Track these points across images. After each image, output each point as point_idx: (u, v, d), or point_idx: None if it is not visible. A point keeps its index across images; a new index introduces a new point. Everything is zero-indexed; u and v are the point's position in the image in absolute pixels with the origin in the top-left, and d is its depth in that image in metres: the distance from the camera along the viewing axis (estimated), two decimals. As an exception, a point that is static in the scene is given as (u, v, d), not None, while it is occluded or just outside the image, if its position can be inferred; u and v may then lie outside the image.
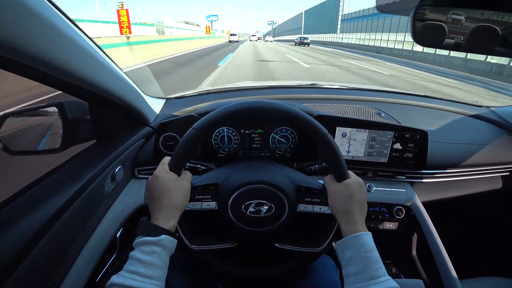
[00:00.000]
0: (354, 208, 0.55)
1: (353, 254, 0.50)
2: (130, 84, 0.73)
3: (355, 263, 0.49)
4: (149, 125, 0.86)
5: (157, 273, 0.46)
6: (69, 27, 0.47)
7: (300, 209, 0.63)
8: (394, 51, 20.68)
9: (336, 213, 0.57)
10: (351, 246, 0.51)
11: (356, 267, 0.49)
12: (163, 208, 0.52)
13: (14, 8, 0.35)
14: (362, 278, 0.48)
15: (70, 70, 0.47)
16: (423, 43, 0.68)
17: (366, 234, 0.52)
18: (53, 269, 0.52)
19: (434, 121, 1.05)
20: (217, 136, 0.84)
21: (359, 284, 0.47)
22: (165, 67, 9.44)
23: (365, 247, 0.50)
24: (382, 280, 0.47)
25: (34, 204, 0.50)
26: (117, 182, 0.73)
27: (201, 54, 15.33)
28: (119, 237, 0.75)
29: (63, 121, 0.65)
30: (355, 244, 0.51)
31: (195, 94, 1.16)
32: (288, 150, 0.86)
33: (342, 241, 0.53)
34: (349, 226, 0.54)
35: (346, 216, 0.55)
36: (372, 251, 0.50)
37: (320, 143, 0.58)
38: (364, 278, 0.47)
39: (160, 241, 0.48)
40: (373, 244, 0.51)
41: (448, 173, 0.96)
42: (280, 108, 0.58)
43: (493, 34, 0.60)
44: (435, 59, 14.88)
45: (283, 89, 1.26)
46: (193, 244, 0.61)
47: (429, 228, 0.87)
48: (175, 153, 0.57)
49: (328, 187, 0.59)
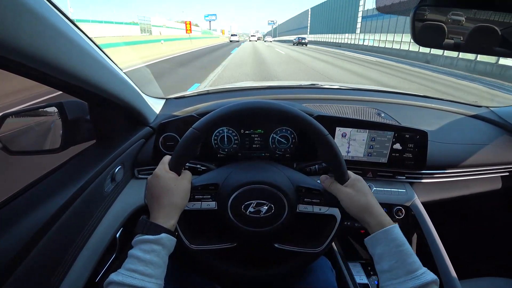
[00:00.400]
0: (371, 202, 0.55)
1: (385, 250, 0.49)
2: (130, 84, 0.73)
3: (388, 258, 0.48)
4: (149, 125, 0.86)
5: (156, 272, 0.46)
6: (68, 27, 0.47)
7: (300, 209, 0.63)
8: (458, 62, 13.49)
9: (356, 214, 0.56)
10: (382, 241, 0.50)
11: (390, 262, 0.48)
12: (163, 207, 0.52)
13: (14, 8, 0.35)
14: (397, 274, 0.46)
15: (70, 70, 0.47)
16: (423, 44, 0.68)
17: (395, 227, 0.51)
18: (53, 269, 0.52)
19: (434, 121, 1.05)
20: (217, 136, 0.84)
21: (396, 280, 0.46)
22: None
23: (396, 241, 0.49)
24: (419, 273, 0.45)
25: (34, 204, 0.50)
26: (117, 182, 0.73)
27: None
28: (118, 237, 0.75)
29: (63, 121, 0.65)
30: (386, 239, 0.50)
31: (195, 94, 1.16)
32: (288, 151, 0.86)
33: (372, 237, 0.52)
34: (374, 220, 0.53)
35: (368, 212, 0.54)
36: (404, 245, 0.49)
37: (320, 143, 0.58)
38: (400, 274, 0.46)
39: (159, 239, 0.48)
40: (404, 237, 0.50)
41: (447, 173, 0.96)
42: (280, 108, 0.58)
43: (492, 34, 0.60)
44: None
45: (283, 89, 1.26)
46: (193, 244, 0.62)
47: (429, 228, 0.87)
48: (175, 153, 0.57)
49: (337, 193, 0.58)
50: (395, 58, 17.97)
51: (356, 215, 0.56)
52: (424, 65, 14.65)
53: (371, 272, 0.94)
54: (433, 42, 0.68)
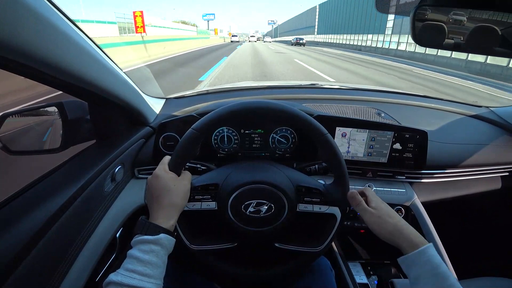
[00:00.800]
0: (399, 224, 0.54)
1: (420, 272, 0.47)
2: (130, 84, 0.73)
3: (424, 282, 0.46)
4: (149, 125, 0.86)
5: (155, 272, 0.46)
6: (69, 27, 0.47)
7: (300, 209, 0.63)
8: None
9: (386, 237, 0.54)
10: (416, 263, 0.48)
11: (426, 286, 0.46)
12: (163, 208, 0.52)
13: (14, 8, 0.35)
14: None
15: (70, 70, 0.47)
16: (423, 43, 0.68)
17: (429, 247, 0.49)
18: (53, 269, 0.52)
19: (434, 121, 1.05)
20: (217, 136, 0.84)
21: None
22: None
23: (431, 264, 0.47)
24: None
25: (34, 204, 0.50)
26: (117, 182, 0.73)
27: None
28: (118, 237, 0.75)
29: (63, 121, 0.65)
30: (420, 261, 0.48)
31: (195, 94, 1.16)
32: (288, 150, 0.86)
33: (405, 258, 0.51)
34: (405, 242, 0.51)
35: (397, 235, 0.53)
36: (440, 267, 0.46)
37: (320, 143, 0.58)
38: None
39: (158, 240, 0.48)
40: (439, 258, 0.48)
41: (447, 173, 0.96)
42: (279, 108, 0.58)
43: (493, 34, 0.60)
44: None
45: (283, 89, 1.26)
46: (193, 244, 0.62)
47: (429, 228, 0.88)
48: (174, 154, 0.57)
49: (363, 216, 0.57)
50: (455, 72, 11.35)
51: (386, 239, 0.54)
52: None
53: (370, 272, 0.94)
54: (433, 42, 0.68)
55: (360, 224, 0.93)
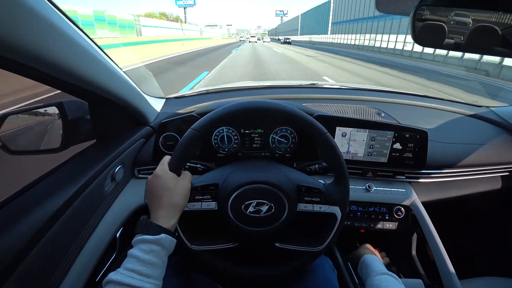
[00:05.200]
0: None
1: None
2: (130, 83, 0.73)
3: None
4: (149, 125, 0.86)
5: (155, 272, 0.46)
6: (69, 27, 0.47)
7: (300, 208, 0.63)
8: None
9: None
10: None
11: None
12: (163, 208, 0.52)
13: (14, 8, 0.35)
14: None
15: (70, 70, 0.47)
16: (423, 43, 0.68)
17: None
18: (53, 269, 0.52)
19: (434, 121, 1.05)
20: (217, 136, 0.84)
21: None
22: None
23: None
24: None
25: (34, 204, 0.50)
26: (117, 182, 0.73)
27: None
28: (119, 237, 0.75)
29: (63, 121, 0.65)
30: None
31: (194, 94, 1.16)
32: (288, 150, 0.86)
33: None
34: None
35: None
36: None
37: (320, 142, 0.58)
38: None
39: (159, 240, 0.48)
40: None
41: (448, 173, 0.96)
42: (279, 108, 0.58)
43: (493, 34, 0.60)
44: None
45: (283, 89, 1.26)
46: (193, 245, 0.61)
47: (429, 228, 0.88)
48: (174, 154, 0.57)
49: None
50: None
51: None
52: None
53: None
54: (433, 42, 0.68)
55: (360, 224, 0.93)
